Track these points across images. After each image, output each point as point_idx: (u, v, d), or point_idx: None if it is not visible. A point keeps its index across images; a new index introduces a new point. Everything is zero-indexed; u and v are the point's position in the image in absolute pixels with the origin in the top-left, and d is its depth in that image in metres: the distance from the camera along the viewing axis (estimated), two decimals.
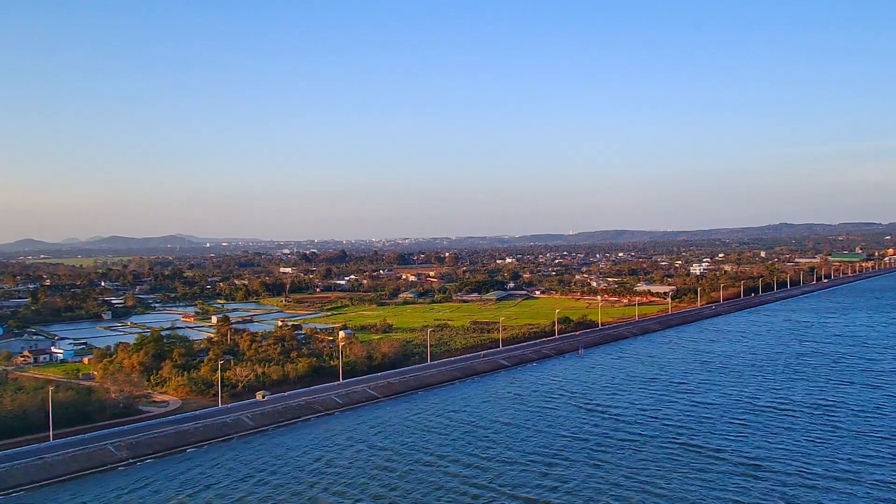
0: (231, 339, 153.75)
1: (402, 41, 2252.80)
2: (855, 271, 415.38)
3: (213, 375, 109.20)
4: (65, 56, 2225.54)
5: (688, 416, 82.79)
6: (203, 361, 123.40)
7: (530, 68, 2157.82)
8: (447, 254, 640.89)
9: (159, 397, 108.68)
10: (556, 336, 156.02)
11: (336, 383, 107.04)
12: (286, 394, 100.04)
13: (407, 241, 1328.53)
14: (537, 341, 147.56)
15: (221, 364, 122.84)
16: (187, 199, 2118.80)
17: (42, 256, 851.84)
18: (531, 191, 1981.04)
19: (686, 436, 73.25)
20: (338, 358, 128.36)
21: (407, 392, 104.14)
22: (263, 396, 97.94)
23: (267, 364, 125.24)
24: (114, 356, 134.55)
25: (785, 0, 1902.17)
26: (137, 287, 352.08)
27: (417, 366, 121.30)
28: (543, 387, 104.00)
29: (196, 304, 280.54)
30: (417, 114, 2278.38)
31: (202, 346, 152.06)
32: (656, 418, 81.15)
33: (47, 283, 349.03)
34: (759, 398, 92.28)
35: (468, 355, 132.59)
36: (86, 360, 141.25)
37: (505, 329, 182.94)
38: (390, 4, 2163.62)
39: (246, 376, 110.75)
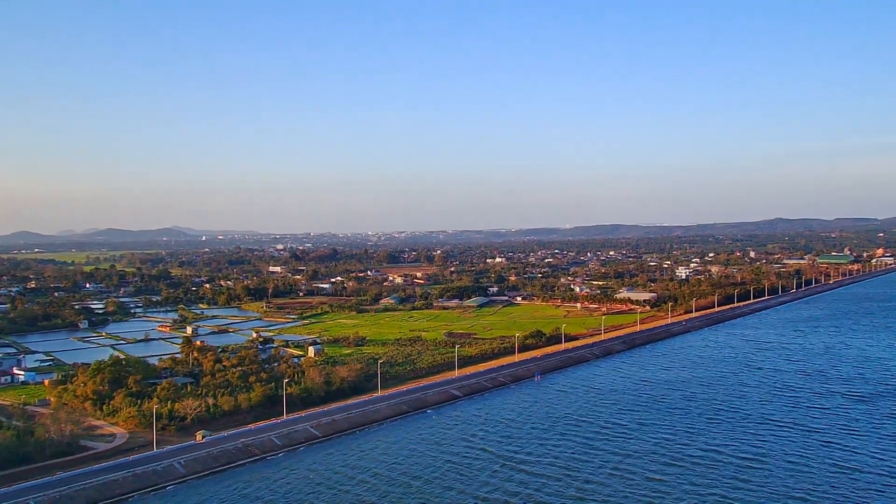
0: (193, 361, 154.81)
1: (402, 39, 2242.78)
2: (840, 275, 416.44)
3: (162, 408, 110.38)
4: (63, 49, 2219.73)
5: (601, 469, 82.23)
6: (156, 390, 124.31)
7: (530, 67, 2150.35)
8: (437, 252, 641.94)
9: (108, 429, 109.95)
10: (517, 359, 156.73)
11: (281, 420, 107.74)
12: (226, 434, 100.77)
13: (403, 234, 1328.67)
14: (494, 368, 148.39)
15: (174, 392, 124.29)
16: (184, 191, 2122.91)
17: (36, 250, 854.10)
18: (528, 185, 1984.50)
19: (591, 499, 73.33)
20: (296, 383, 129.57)
21: (350, 430, 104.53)
22: (202, 437, 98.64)
23: (222, 391, 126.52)
24: (74, 378, 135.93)
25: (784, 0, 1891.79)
26: (122, 289, 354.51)
27: (368, 398, 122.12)
28: (475, 427, 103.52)
29: (177, 309, 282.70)
30: (415, 109, 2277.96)
31: (166, 364, 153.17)
32: (568, 473, 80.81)
33: (32, 284, 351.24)
34: (686, 445, 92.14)
35: (422, 384, 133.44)
36: (46, 381, 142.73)
37: (476, 343, 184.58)
38: (389, 3, 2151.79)
39: (195, 409, 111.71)
